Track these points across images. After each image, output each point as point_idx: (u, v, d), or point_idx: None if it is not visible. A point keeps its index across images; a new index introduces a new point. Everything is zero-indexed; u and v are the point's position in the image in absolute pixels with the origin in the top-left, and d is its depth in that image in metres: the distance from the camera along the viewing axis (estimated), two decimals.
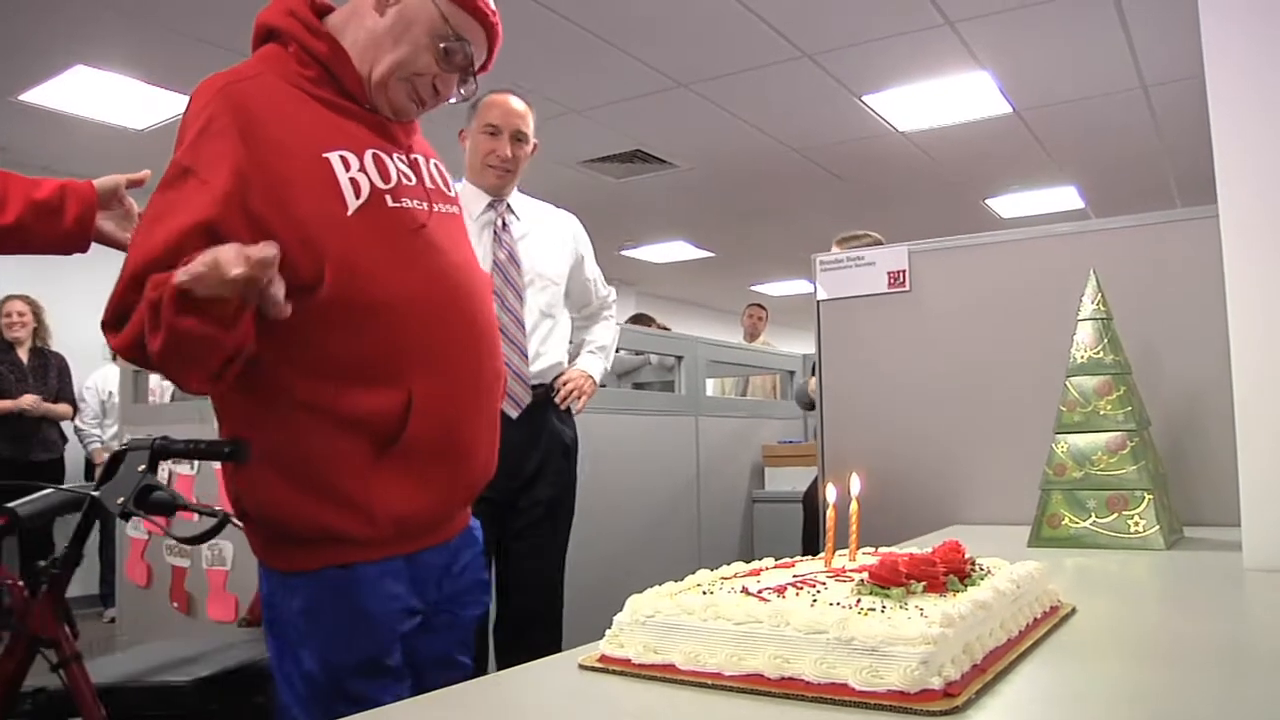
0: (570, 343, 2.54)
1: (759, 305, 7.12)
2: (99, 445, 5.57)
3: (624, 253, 8.96)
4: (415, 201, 1.29)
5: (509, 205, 2.39)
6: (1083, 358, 1.77)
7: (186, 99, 1.26)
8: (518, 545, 2.37)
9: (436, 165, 1.41)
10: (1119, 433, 1.70)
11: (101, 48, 4.27)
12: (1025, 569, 1.00)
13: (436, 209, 1.32)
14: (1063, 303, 2.08)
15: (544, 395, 2.37)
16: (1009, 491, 2.11)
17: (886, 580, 0.83)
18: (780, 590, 0.84)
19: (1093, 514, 1.69)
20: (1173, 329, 1.98)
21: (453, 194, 1.41)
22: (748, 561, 1.07)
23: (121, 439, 4.25)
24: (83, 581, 5.76)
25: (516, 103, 2.36)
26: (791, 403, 5.29)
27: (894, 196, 7.12)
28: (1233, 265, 1.44)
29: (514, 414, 2.26)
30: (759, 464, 4.64)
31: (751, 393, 5.94)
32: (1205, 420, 1.93)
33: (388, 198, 1.26)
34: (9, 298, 5.32)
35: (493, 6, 1.35)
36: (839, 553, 1.04)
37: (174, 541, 1.27)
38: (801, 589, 0.85)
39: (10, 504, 1.51)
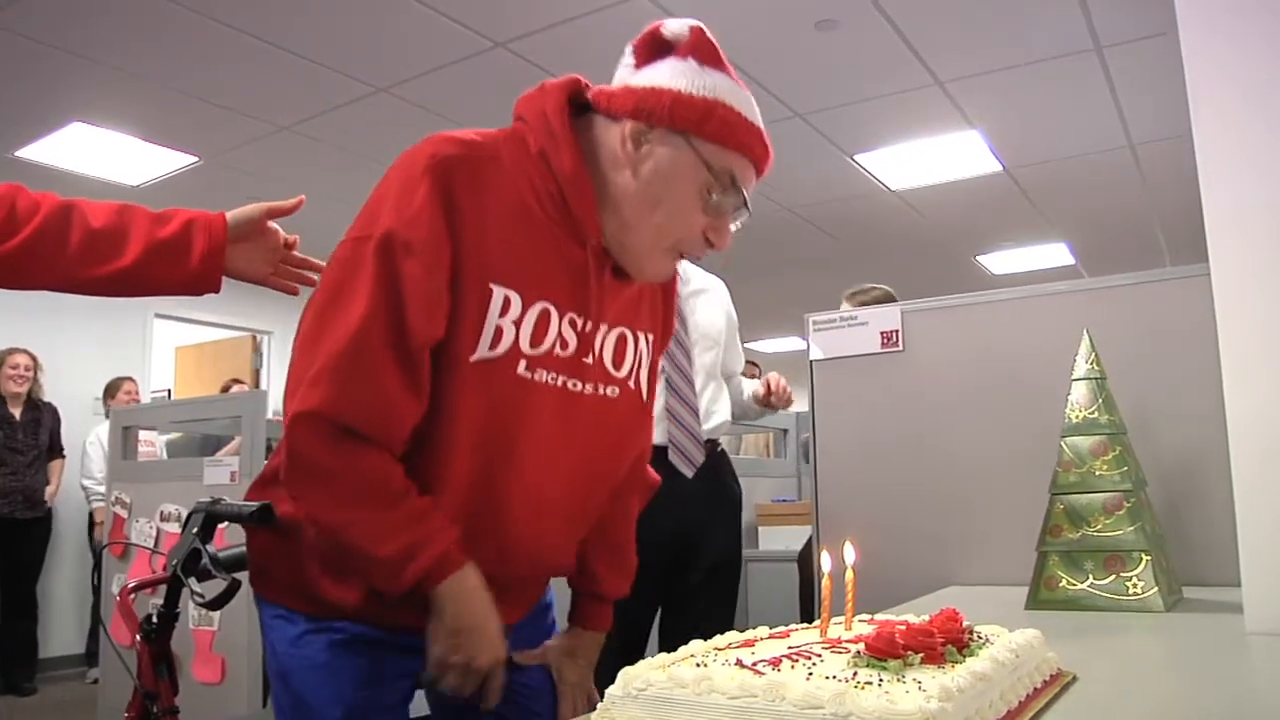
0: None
1: (752, 363, 7.10)
2: (101, 504, 5.49)
3: None
4: (552, 376, 1.13)
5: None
6: (1077, 418, 1.75)
7: (181, 155, 1.22)
8: (693, 602, 2.42)
9: (625, 337, 1.23)
10: (1115, 493, 1.68)
11: (98, 105, 4.32)
12: (1024, 637, 0.98)
13: (576, 387, 1.17)
14: (1057, 362, 2.08)
15: (713, 452, 2.43)
16: (1005, 551, 2.09)
17: (883, 652, 0.81)
18: (775, 662, 0.82)
19: (1090, 575, 1.67)
20: (1168, 387, 1.97)
21: (625, 373, 1.23)
22: (741, 629, 1.05)
23: (110, 496, 4.21)
24: (73, 639, 5.66)
25: None
26: (785, 461, 5.25)
27: (885, 253, 7.18)
28: (1225, 323, 1.44)
29: (689, 473, 2.33)
30: (753, 523, 4.61)
31: (744, 451, 5.92)
32: (1202, 479, 1.91)
33: (522, 363, 1.10)
34: (13, 351, 5.28)
35: (762, 127, 1.17)
36: (834, 620, 1.02)
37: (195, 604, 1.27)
38: (797, 661, 0.83)
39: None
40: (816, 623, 1.04)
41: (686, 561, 2.37)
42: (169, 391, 8.22)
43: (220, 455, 5.14)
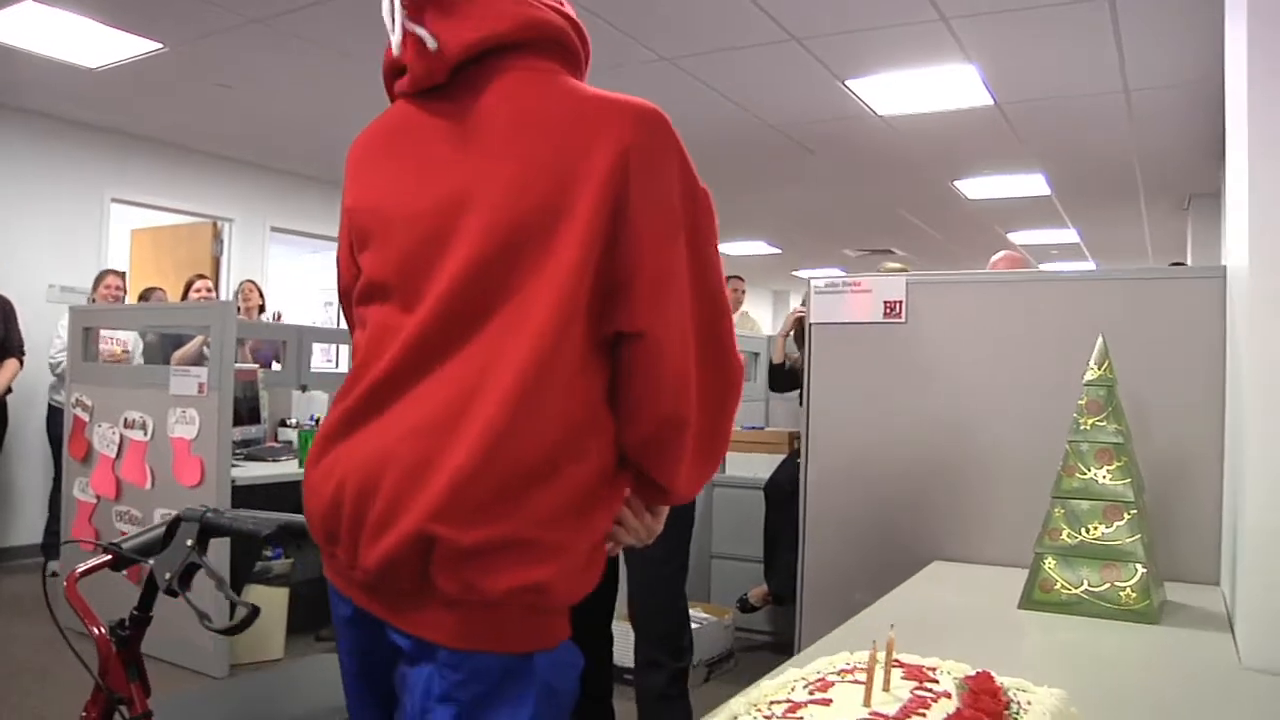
0: None
1: (737, 276, 7.00)
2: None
3: None
4: None
5: None
6: (1086, 424, 1.76)
7: (144, 41, 1.08)
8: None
9: None
10: (1117, 503, 1.70)
11: None
12: (1055, 701, 0.99)
13: None
14: (1060, 348, 2.08)
15: None
16: (993, 530, 2.13)
17: None
18: None
19: (1085, 581, 1.70)
20: (1165, 385, 1.98)
21: None
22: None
23: (70, 398, 4.08)
24: (28, 529, 5.60)
25: None
26: (754, 385, 5.26)
27: (863, 171, 7.10)
28: (1236, 327, 1.42)
29: None
30: None
31: None
32: (1183, 475, 1.95)
33: None
34: None
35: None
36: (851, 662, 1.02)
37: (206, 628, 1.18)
38: None
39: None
40: (853, 667, 1.03)
41: None
42: (123, 275, 7.97)
43: (182, 360, 5.02)
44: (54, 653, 3.81)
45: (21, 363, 5.14)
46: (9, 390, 5.06)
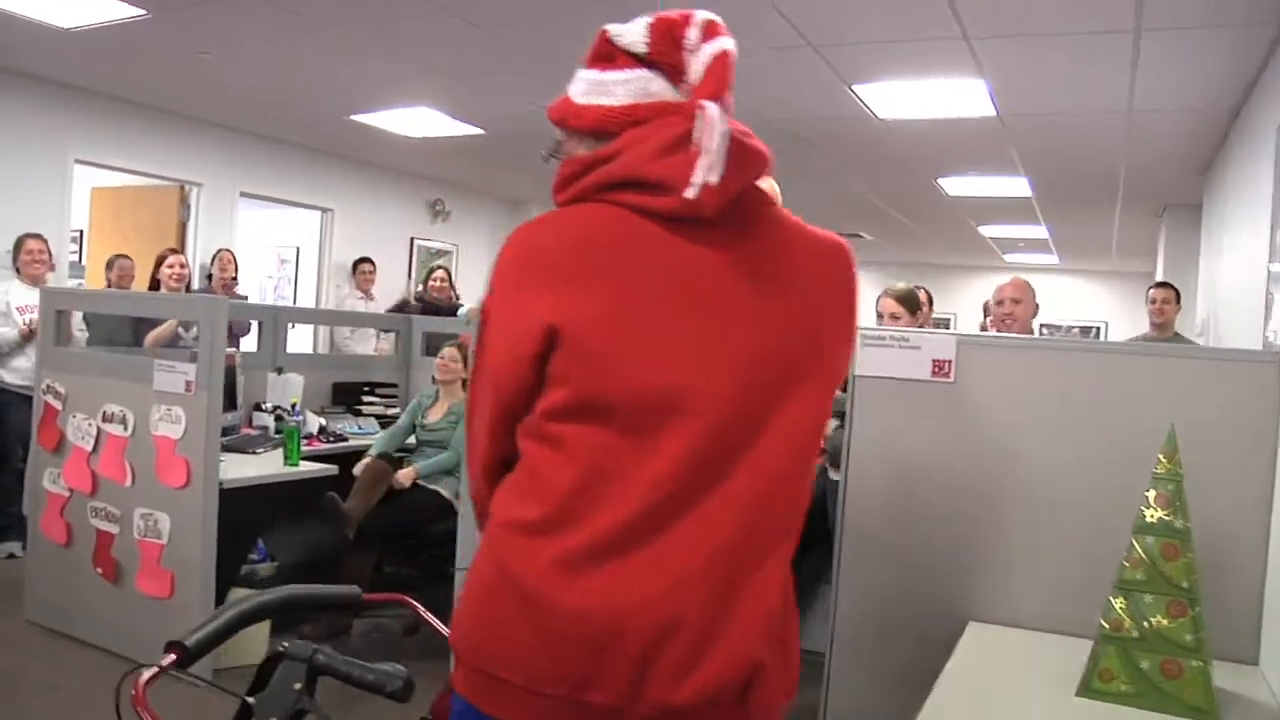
0: None
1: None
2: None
3: None
4: None
5: None
6: (1153, 518, 1.74)
7: (125, 6, 0.96)
8: None
9: None
10: (1181, 600, 1.69)
11: None
12: None
13: None
14: (1106, 416, 2.08)
15: None
16: (1027, 595, 2.13)
17: None
18: None
19: (1147, 676, 1.69)
20: (1206, 459, 1.96)
21: None
22: None
23: (41, 384, 3.85)
24: None
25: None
26: None
27: (852, 167, 7.06)
28: None
29: None
30: None
31: None
32: (1225, 551, 1.96)
33: None
34: None
35: None
36: None
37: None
38: None
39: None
40: None
41: None
42: (81, 234, 7.62)
43: (156, 342, 4.82)
44: (18, 652, 3.65)
45: None
46: None
